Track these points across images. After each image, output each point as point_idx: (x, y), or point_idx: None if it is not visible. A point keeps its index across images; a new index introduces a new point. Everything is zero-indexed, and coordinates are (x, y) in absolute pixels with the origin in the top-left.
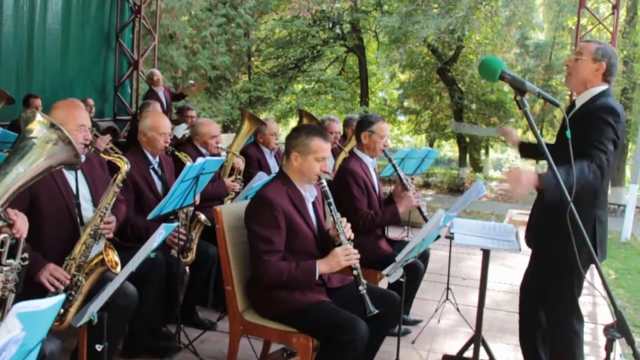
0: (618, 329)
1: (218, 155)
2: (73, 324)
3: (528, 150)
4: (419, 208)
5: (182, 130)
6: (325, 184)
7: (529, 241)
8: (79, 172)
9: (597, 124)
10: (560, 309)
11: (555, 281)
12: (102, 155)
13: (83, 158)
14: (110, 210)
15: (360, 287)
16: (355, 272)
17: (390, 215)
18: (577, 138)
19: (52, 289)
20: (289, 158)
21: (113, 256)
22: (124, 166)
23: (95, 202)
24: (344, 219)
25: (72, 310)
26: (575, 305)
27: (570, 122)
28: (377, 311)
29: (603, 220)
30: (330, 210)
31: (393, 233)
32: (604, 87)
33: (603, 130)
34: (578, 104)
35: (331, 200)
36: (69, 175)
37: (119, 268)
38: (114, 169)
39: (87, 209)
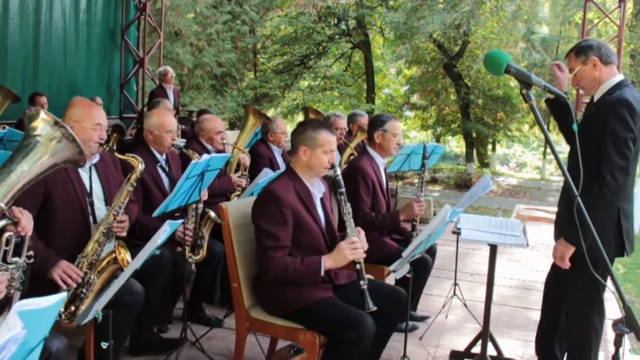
0: (627, 324)
1: (223, 151)
2: (78, 321)
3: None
4: (413, 219)
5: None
6: (339, 172)
7: (557, 237)
8: (93, 171)
9: (609, 123)
10: (580, 302)
11: (578, 275)
12: (116, 154)
13: (97, 157)
14: (124, 210)
15: (362, 282)
16: (358, 267)
17: (391, 220)
18: (594, 132)
19: (64, 286)
20: (297, 153)
21: (125, 255)
22: (139, 166)
23: (108, 201)
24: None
25: (83, 307)
26: (597, 301)
27: (589, 116)
28: (375, 308)
29: (627, 212)
30: (341, 200)
31: None
32: (619, 77)
33: (616, 132)
34: (596, 99)
35: (343, 190)
36: (84, 174)
37: None
38: (126, 169)
39: (100, 208)
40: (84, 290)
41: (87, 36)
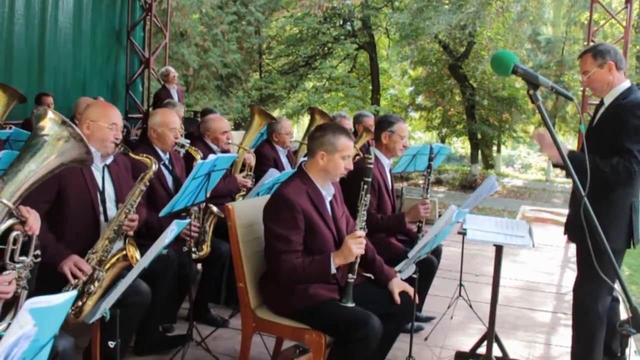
0: (633, 324)
1: (228, 151)
2: (86, 320)
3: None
4: (419, 220)
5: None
6: (372, 161)
7: (571, 236)
8: (106, 172)
9: (632, 123)
10: (586, 293)
11: (584, 268)
12: (131, 154)
13: (111, 159)
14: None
15: (350, 275)
16: (352, 259)
17: (396, 223)
18: (610, 134)
19: (73, 280)
20: (314, 157)
21: (135, 253)
22: (152, 166)
23: (119, 202)
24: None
25: (90, 303)
26: (603, 292)
27: (602, 119)
28: (352, 305)
29: (637, 207)
30: (363, 189)
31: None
32: (628, 83)
33: (635, 130)
34: (607, 102)
35: (369, 180)
36: (97, 174)
37: None
38: (135, 175)
39: (111, 208)
40: (93, 287)
41: (93, 37)
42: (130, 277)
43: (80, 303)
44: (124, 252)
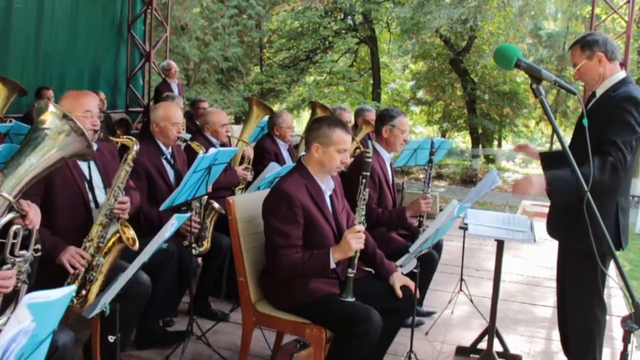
0: (636, 320)
1: (228, 143)
2: (85, 315)
3: (551, 160)
4: (420, 214)
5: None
6: (370, 154)
7: (552, 232)
8: (91, 161)
9: (619, 117)
10: (582, 297)
11: (577, 270)
12: (111, 138)
13: (94, 147)
14: (124, 192)
15: (350, 269)
16: (352, 254)
17: (397, 217)
18: (597, 127)
19: (72, 270)
20: (310, 150)
21: (129, 233)
22: (134, 146)
23: (108, 189)
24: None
25: (94, 290)
26: (597, 295)
27: (591, 110)
28: (352, 299)
29: (625, 207)
30: (362, 184)
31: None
32: (622, 74)
33: (624, 125)
34: (599, 94)
35: (367, 174)
36: (82, 164)
37: (137, 245)
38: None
39: (100, 195)
40: (93, 273)
41: (93, 30)
42: (130, 271)
43: (84, 292)
44: (118, 235)
